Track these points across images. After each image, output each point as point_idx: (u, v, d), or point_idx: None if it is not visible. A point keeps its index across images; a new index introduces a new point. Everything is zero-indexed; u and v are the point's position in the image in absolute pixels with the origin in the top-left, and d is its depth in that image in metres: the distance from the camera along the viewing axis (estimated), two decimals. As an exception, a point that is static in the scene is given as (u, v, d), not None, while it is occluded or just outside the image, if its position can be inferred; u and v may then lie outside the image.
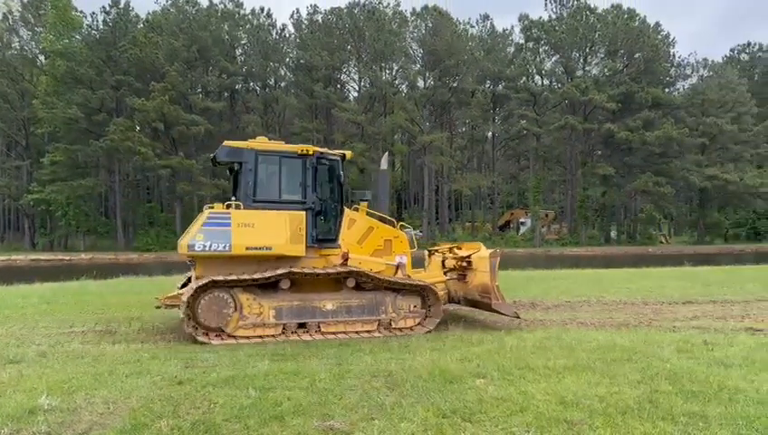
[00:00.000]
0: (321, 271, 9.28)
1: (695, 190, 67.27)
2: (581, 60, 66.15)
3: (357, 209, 10.52)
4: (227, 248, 8.74)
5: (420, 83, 67.42)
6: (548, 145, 66.96)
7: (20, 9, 64.43)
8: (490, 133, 71.41)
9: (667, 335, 8.70)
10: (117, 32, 57.32)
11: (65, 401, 5.49)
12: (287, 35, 69.25)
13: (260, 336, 8.94)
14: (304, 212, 9.36)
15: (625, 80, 60.99)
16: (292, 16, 71.68)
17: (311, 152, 9.65)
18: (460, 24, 71.48)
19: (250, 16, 67.20)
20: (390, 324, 9.63)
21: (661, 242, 66.57)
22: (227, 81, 61.03)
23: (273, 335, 9.00)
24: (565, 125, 59.66)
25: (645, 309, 12.10)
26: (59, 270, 27.41)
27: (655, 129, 58.50)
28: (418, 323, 9.76)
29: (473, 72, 66.86)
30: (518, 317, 10.00)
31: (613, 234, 66.97)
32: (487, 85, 69.87)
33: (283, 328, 9.14)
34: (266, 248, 8.96)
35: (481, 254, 10.33)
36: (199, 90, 63.46)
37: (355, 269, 9.44)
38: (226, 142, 9.75)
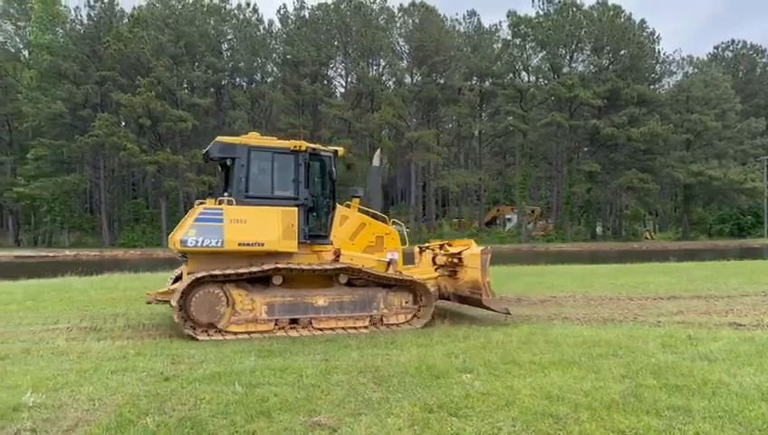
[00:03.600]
0: (307, 267, 9.25)
1: (679, 187, 67.84)
2: (568, 56, 66.42)
3: (349, 206, 10.50)
4: (220, 244, 8.74)
5: (407, 79, 67.48)
6: (534, 142, 67.21)
7: (3, 3, 63.55)
8: (477, 130, 71.58)
9: (651, 330, 8.77)
10: (101, 26, 56.77)
11: (50, 397, 5.45)
12: (274, 31, 68.94)
13: (252, 332, 8.93)
14: (297, 208, 9.34)
15: (611, 76, 61.30)
16: (278, 11, 71.47)
17: (303, 148, 9.64)
18: (447, 20, 71.70)
19: (236, 11, 66.82)
20: (382, 320, 9.66)
21: (646, 238, 67.12)
22: (214, 76, 60.65)
23: (265, 331, 9.00)
24: (551, 122, 59.91)
25: (630, 304, 12.19)
26: (43, 267, 27.14)
27: (640, 125, 58.90)
28: (410, 319, 9.80)
29: (460, 68, 66.98)
30: (508, 313, 10.04)
31: (599, 230, 67.45)
32: (474, 82, 70.01)
33: (276, 324, 9.13)
34: (258, 244, 8.95)
35: (472, 251, 10.37)
36: (185, 85, 62.98)
37: (346, 265, 9.44)
38: (219, 138, 9.71)
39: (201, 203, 9.24)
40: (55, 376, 6.23)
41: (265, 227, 9.00)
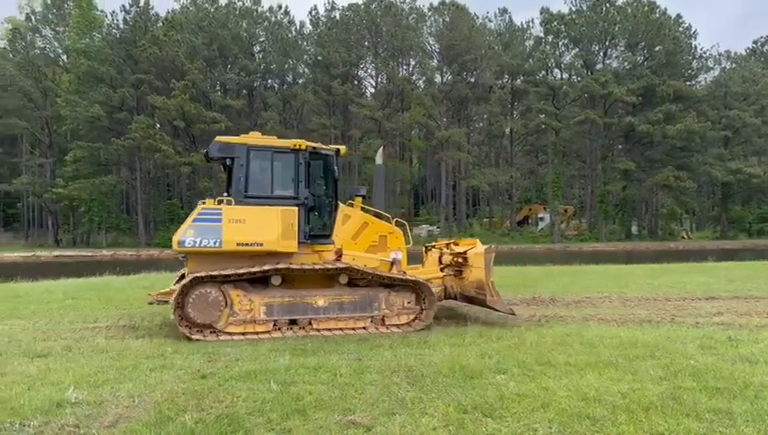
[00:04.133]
0: (305, 267, 9.13)
1: (717, 185, 66.24)
2: (601, 53, 65.39)
3: (352, 205, 10.37)
4: (218, 244, 8.70)
5: (438, 78, 67.26)
6: (567, 140, 66.33)
7: (42, 9, 65.41)
8: (508, 128, 70.94)
9: (690, 332, 8.60)
10: (137, 30, 57.92)
11: (91, 394, 5.60)
12: (305, 32, 69.48)
13: (250, 333, 8.84)
14: (297, 208, 9.25)
15: (646, 73, 60.16)
16: (310, 13, 71.96)
17: (303, 147, 9.53)
18: (478, 18, 71.19)
19: (268, 14, 67.48)
20: (384, 321, 9.48)
21: (683, 237, 65.67)
22: (247, 78, 61.38)
23: (263, 332, 8.89)
24: (585, 119, 59.08)
25: (667, 305, 11.95)
26: (82, 266, 27.77)
27: (676, 122, 57.61)
28: (413, 320, 9.60)
29: (491, 66, 66.48)
30: (513, 314, 9.84)
31: (634, 229, 66.19)
32: (506, 80, 69.44)
33: (275, 324, 9.06)
34: (257, 244, 8.87)
35: (476, 250, 10.16)
36: (219, 88, 63.93)
37: (345, 265, 9.30)
38: (218, 138, 9.69)
39: (202, 203, 9.23)
40: (96, 373, 6.41)
41: (264, 227, 8.92)
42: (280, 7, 68.18)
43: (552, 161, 65.05)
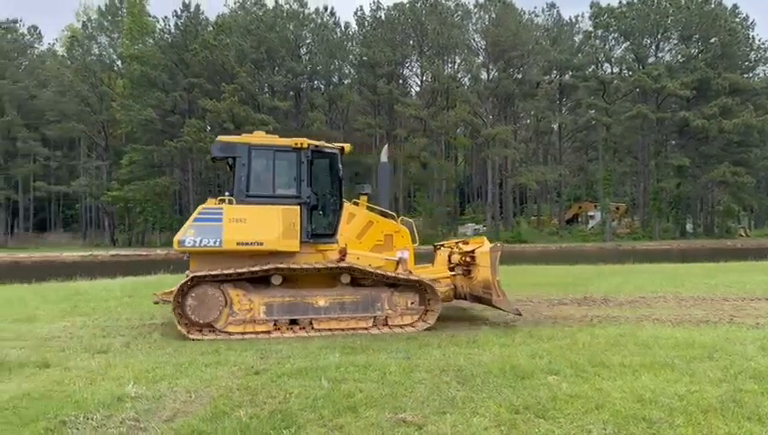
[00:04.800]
0: (307, 266, 9.06)
1: (777, 180, 63.63)
2: (653, 46, 63.73)
3: (357, 203, 10.23)
4: (218, 244, 8.67)
5: (483, 76, 66.64)
6: (618, 135, 64.83)
7: (98, 17, 67.90)
8: (556, 125, 69.73)
9: (750, 332, 8.30)
10: (188, 35, 59.44)
11: (150, 389, 5.79)
12: (350, 33, 69.94)
13: (250, 333, 8.79)
14: (298, 207, 9.18)
15: (700, 66, 58.22)
16: (355, 14, 72.41)
17: (305, 146, 9.41)
18: (525, 13, 70.27)
19: (314, 15, 68.26)
20: (387, 321, 9.29)
21: (741, 235, 63.29)
22: (293, 80, 62.21)
23: (264, 332, 8.83)
24: (637, 114, 57.56)
25: (725, 305, 11.54)
26: (137, 265, 28.71)
27: (733, 116, 55.55)
28: (417, 320, 9.37)
29: (538, 62, 65.54)
30: (520, 314, 9.58)
31: (689, 227, 64.18)
32: (554, 75, 68.34)
33: (275, 324, 8.98)
34: (257, 244, 8.80)
35: (483, 248, 9.86)
36: (266, 90, 65.02)
37: (347, 265, 9.15)
38: (220, 137, 9.69)
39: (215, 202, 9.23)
40: (154, 369, 6.61)
41: (265, 226, 8.85)
42: (326, 9, 69.17)
43: (603, 158, 63.66)
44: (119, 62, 67.53)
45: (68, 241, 64.81)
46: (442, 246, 11.57)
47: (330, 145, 9.96)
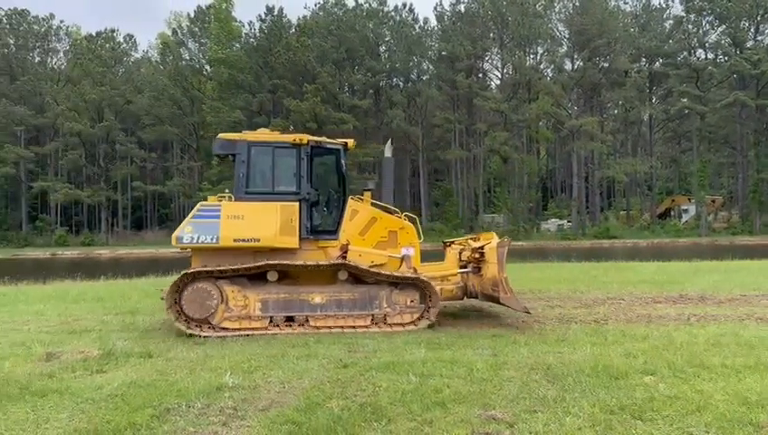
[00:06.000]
0: (302, 263, 8.99)
1: None
2: (752, 29, 59.58)
3: (361, 199, 10.03)
4: (215, 240, 8.69)
5: (567, 66, 64.70)
6: (714, 124, 61.21)
7: (188, 24, 71.28)
8: (646, 115, 66.57)
9: None
10: (272, 38, 61.31)
11: (246, 379, 6.03)
12: (429, 28, 69.75)
13: (246, 329, 8.76)
14: (297, 203, 9.11)
15: (806, 47, 54.05)
16: (435, 9, 72.12)
17: (305, 142, 9.34)
18: (611, 0, 67.48)
19: (393, 13, 68.58)
20: (385, 320, 9.08)
21: None
22: (373, 79, 62.79)
23: (259, 329, 8.79)
24: (734, 102, 54.16)
25: (841, 305, 10.68)
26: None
27: None
28: (416, 319, 9.11)
29: (626, 50, 62.83)
30: (528, 313, 9.15)
31: (794, 221, 59.63)
32: (642, 63, 65.36)
33: (271, 321, 8.90)
34: (254, 240, 8.80)
35: (491, 244, 9.41)
36: (347, 89, 66.03)
37: (341, 262, 9.02)
38: (221, 135, 9.72)
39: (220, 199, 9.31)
40: (249, 360, 6.88)
41: (262, 222, 8.83)
42: (405, 5, 69.08)
43: (698, 148, 60.30)
44: (207, 67, 70.64)
45: (163, 238, 68.28)
46: (452, 242, 11.30)
47: (332, 141, 9.87)
